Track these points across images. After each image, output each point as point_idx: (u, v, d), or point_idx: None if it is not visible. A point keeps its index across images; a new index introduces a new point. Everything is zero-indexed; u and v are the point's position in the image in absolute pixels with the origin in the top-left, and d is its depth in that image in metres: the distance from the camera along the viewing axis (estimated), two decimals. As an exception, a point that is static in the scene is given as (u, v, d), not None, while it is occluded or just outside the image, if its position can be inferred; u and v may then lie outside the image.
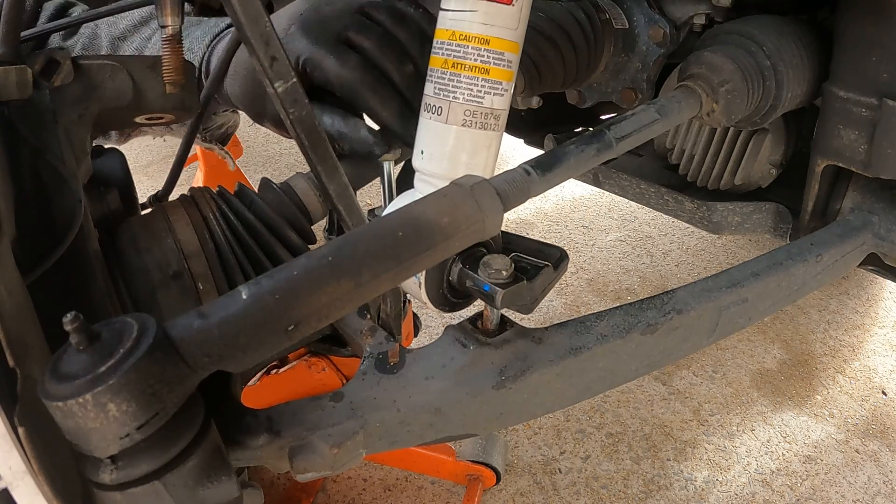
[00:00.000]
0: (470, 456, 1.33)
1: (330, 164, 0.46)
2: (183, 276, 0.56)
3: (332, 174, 0.46)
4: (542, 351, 0.56)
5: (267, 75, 0.42)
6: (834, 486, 1.39)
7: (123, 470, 0.35)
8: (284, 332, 0.37)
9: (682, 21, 0.83)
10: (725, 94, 0.69)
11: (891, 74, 0.68)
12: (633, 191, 1.03)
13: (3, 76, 0.46)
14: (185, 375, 0.36)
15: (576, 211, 2.49)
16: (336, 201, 0.47)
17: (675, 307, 0.62)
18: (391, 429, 0.52)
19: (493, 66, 0.55)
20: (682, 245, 2.25)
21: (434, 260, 0.42)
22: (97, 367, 0.33)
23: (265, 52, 0.41)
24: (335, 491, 1.36)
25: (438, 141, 0.57)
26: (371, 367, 0.54)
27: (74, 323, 0.32)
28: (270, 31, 0.41)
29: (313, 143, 0.44)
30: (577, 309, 1.93)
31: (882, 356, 1.76)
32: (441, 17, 0.56)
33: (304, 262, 0.38)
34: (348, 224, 0.49)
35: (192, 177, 2.47)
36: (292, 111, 0.43)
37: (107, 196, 0.61)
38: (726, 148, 0.91)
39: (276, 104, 0.43)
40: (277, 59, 0.41)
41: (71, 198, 0.48)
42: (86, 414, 0.32)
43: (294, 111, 0.43)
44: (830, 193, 0.84)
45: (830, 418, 1.56)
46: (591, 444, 1.48)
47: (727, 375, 1.68)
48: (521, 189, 0.47)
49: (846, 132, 0.74)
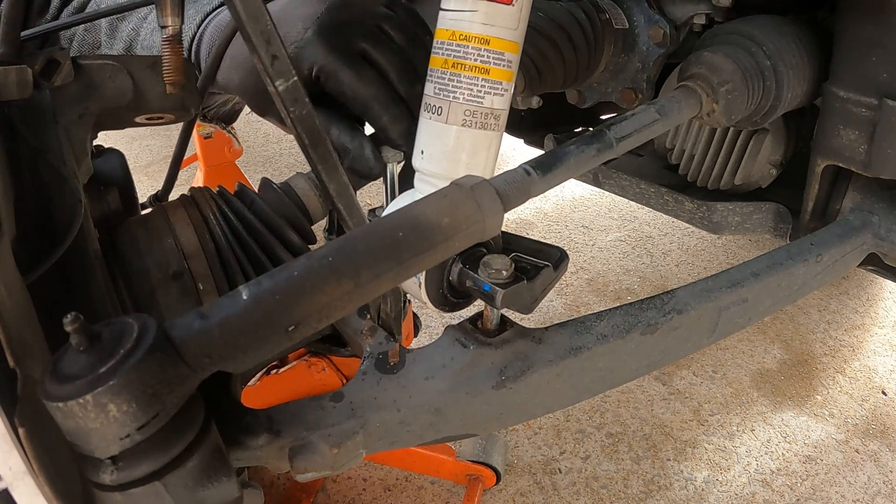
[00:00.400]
0: (470, 456, 1.33)
1: (330, 164, 0.46)
2: (183, 276, 0.56)
3: (332, 173, 0.46)
4: (543, 351, 0.56)
5: (268, 73, 0.42)
6: (834, 486, 1.39)
7: (124, 470, 0.35)
8: (285, 332, 0.37)
9: (682, 21, 0.83)
10: (725, 95, 0.69)
11: (891, 74, 0.68)
12: (633, 191, 1.03)
13: (4, 76, 0.46)
14: (186, 376, 0.36)
15: (576, 211, 2.49)
16: (336, 200, 0.47)
17: (676, 307, 0.62)
18: (391, 429, 0.52)
19: (494, 66, 0.55)
20: (682, 245, 2.25)
21: (434, 260, 0.42)
22: (98, 367, 0.33)
23: (266, 51, 0.41)
24: (335, 491, 1.36)
25: (438, 141, 0.57)
26: (371, 367, 0.54)
27: (75, 323, 0.32)
28: (272, 30, 0.41)
29: (314, 142, 0.44)
30: (577, 309, 1.93)
31: (882, 356, 1.76)
32: (441, 17, 0.56)
33: (305, 263, 0.38)
34: (348, 224, 0.49)
35: (192, 177, 2.47)
36: (293, 110, 0.43)
37: (107, 196, 0.61)
38: (726, 148, 0.91)
39: (277, 103, 0.43)
40: (278, 58, 0.41)
41: (71, 198, 0.48)
42: (86, 414, 0.32)
43: (295, 110, 0.43)
44: (830, 193, 0.84)
45: (830, 418, 1.56)
46: (591, 444, 1.48)
47: (727, 375, 1.69)
48: (521, 189, 0.47)
49: (846, 132, 0.74)
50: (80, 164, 0.54)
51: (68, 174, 0.49)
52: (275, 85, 0.42)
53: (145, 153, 3.11)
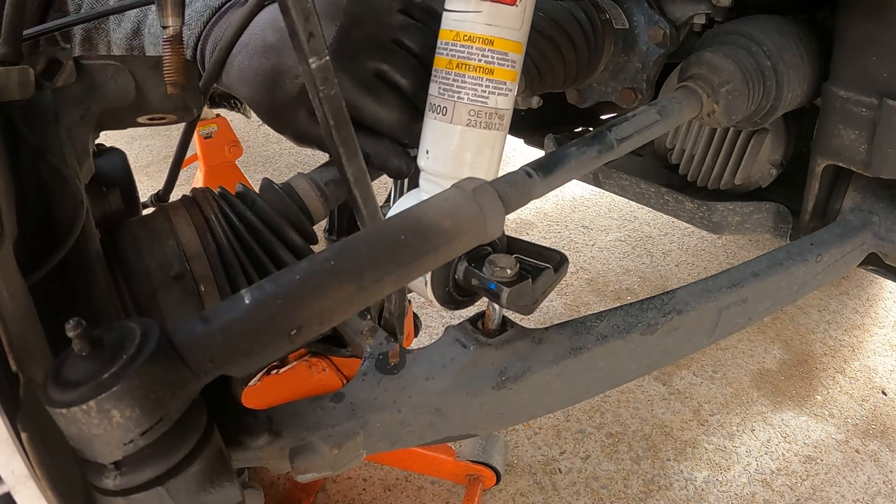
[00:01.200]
0: (470, 456, 1.33)
1: (351, 147, 0.46)
2: (185, 277, 0.56)
3: (352, 158, 0.47)
4: (543, 351, 0.56)
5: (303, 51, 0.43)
6: (834, 486, 1.39)
7: (127, 476, 0.35)
8: (287, 336, 0.37)
9: (683, 21, 0.83)
10: (726, 95, 0.69)
11: (891, 74, 0.68)
12: (633, 191, 1.03)
13: (5, 76, 0.46)
14: (189, 380, 0.36)
15: (576, 211, 2.49)
16: (353, 187, 0.48)
17: (676, 307, 0.62)
18: (391, 429, 0.52)
19: (498, 67, 0.55)
20: (682, 245, 2.26)
21: (436, 263, 0.42)
22: (100, 373, 0.33)
23: (304, 28, 0.42)
24: (335, 491, 1.36)
25: (443, 141, 0.57)
26: (371, 368, 0.54)
27: (77, 329, 0.32)
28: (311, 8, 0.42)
29: (339, 123, 0.45)
30: (577, 309, 1.93)
31: (882, 356, 1.76)
32: (445, 17, 0.56)
33: (307, 266, 0.38)
34: (362, 212, 0.49)
35: (192, 177, 2.47)
36: (323, 88, 0.44)
37: (108, 196, 0.61)
38: (726, 148, 0.92)
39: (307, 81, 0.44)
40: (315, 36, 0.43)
41: (73, 199, 0.48)
42: (89, 420, 0.32)
43: (325, 89, 0.44)
44: (830, 193, 0.84)
45: (830, 418, 1.56)
46: (591, 444, 1.48)
47: (727, 375, 1.69)
48: (522, 191, 0.47)
49: (846, 132, 0.74)
50: (82, 164, 0.54)
51: (70, 175, 0.49)
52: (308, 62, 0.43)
53: (145, 153, 3.11)
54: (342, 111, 0.45)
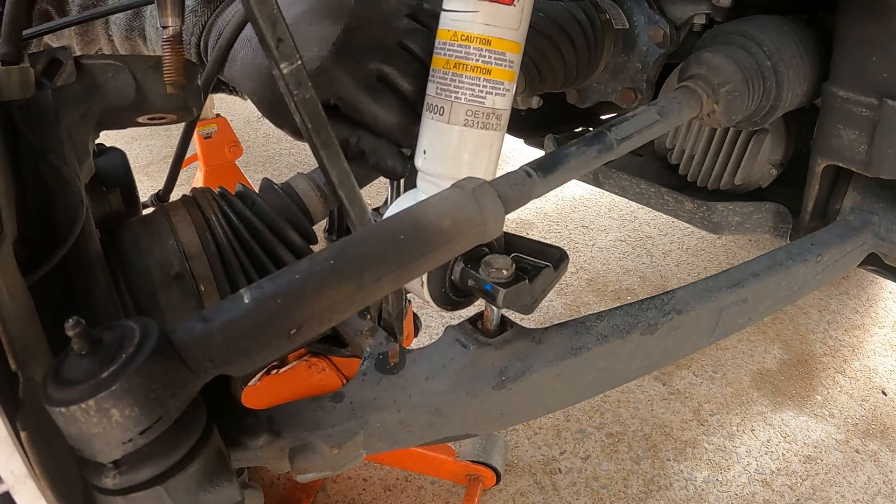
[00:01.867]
0: (470, 456, 1.33)
1: (332, 150, 0.46)
2: (185, 277, 0.56)
3: (333, 160, 0.46)
4: (543, 351, 0.56)
5: (273, 56, 0.43)
6: (834, 486, 1.39)
7: (126, 475, 0.35)
8: (287, 335, 0.37)
9: (682, 21, 0.83)
10: (726, 95, 0.69)
11: (891, 74, 0.68)
12: (633, 191, 1.03)
13: (6, 76, 0.46)
14: (188, 380, 0.36)
15: (576, 211, 2.49)
16: (338, 188, 0.48)
17: (676, 307, 0.62)
18: (391, 429, 0.52)
19: (495, 67, 0.55)
20: (682, 245, 2.26)
21: (436, 263, 0.42)
22: (100, 372, 0.33)
23: (272, 34, 0.42)
24: (335, 491, 1.36)
25: (441, 141, 0.57)
26: (371, 368, 0.54)
27: (76, 328, 0.32)
28: (277, 14, 0.42)
29: (316, 126, 0.45)
30: (577, 309, 1.93)
31: (882, 356, 1.76)
32: (443, 17, 0.56)
33: (306, 266, 0.38)
34: (350, 213, 0.49)
35: (192, 177, 2.47)
36: (297, 93, 0.44)
37: (108, 196, 0.61)
38: (726, 148, 0.92)
39: (281, 86, 0.44)
40: (283, 41, 0.42)
41: (73, 198, 0.48)
42: (89, 419, 0.32)
43: (298, 93, 0.44)
44: (830, 193, 0.84)
45: (830, 418, 1.56)
46: (591, 444, 1.48)
47: (727, 375, 1.69)
48: (522, 191, 0.47)
49: (846, 132, 0.74)
50: (82, 164, 0.54)
51: (70, 174, 0.49)
52: (280, 68, 0.43)
53: (145, 153, 3.11)
54: (319, 115, 0.45)
